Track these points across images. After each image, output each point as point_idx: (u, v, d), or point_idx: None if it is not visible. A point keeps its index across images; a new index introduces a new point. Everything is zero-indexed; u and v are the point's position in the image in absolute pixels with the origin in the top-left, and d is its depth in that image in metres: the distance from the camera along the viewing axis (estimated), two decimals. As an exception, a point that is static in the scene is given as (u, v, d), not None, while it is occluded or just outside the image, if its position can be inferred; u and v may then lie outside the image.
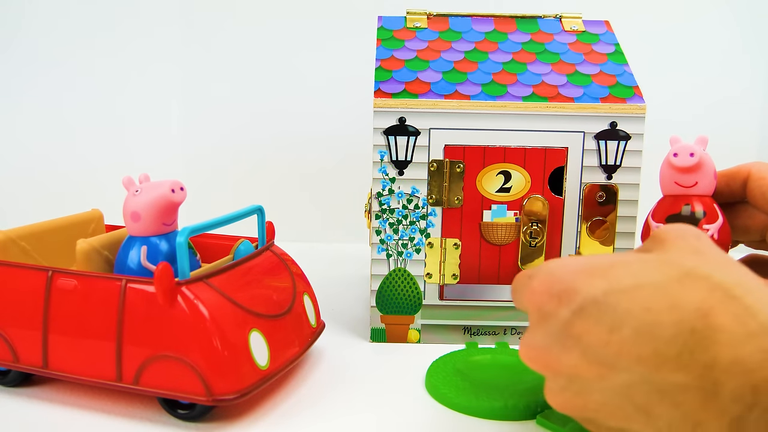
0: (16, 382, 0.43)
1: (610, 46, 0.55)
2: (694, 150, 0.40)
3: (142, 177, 0.43)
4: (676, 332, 0.24)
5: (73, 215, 0.51)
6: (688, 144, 0.40)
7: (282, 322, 0.43)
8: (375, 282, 0.51)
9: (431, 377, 0.44)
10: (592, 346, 0.27)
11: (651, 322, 0.25)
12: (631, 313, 0.26)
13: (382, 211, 0.50)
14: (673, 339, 0.24)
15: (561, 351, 0.28)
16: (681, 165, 0.40)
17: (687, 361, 0.24)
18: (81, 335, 0.39)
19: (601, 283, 0.27)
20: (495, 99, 0.49)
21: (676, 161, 0.40)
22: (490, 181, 0.49)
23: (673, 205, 0.41)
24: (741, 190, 0.41)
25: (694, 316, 0.24)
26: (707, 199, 0.41)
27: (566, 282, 0.28)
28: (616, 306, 0.26)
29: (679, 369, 0.24)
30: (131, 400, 0.41)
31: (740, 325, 0.24)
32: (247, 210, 0.45)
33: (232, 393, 0.37)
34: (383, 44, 0.54)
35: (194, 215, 0.50)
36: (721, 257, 0.28)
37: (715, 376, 0.23)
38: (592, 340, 0.27)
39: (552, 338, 0.28)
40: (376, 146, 0.49)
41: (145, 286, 0.38)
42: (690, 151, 0.39)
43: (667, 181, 0.41)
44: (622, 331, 0.26)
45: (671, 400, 0.24)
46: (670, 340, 0.24)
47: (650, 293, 0.26)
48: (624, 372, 0.26)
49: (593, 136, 0.49)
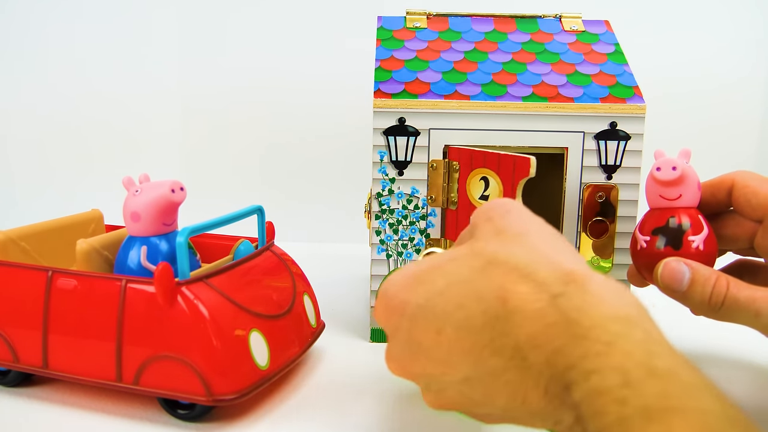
0: (16, 382, 0.43)
1: (610, 46, 0.55)
2: (677, 164, 0.40)
3: (142, 177, 0.43)
4: (485, 321, 0.27)
5: (73, 215, 0.51)
6: (670, 158, 0.41)
7: (282, 323, 0.43)
8: (375, 282, 0.51)
9: (431, 377, 0.44)
10: (430, 348, 0.29)
11: (465, 317, 0.28)
12: (448, 313, 0.28)
13: (382, 212, 0.50)
14: (483, 328, 0.27)
15: (411, 358, 0.30)
16: (664, 179, 0.41)
17: (499, 345, 0.26)
18: (81, 335, 0.39)
19: (422, 290, 0.30)
20: (495, 99, 0.49)
21: (659, 175, 0.41)
22: (475, 186, 0.49)
23: (659, 218, 0.42)
24: (726, 200, 0.42)
25: (496, 303, 0.27)
26: (692, 211, 0.41)
27: (397, 296, 0.31)
28: (435, 308, 0.29)
29: (495, 354, 0.27)
30: (131, 400, 0.41)
31: (532, 302, 0.26)
32: (247, 210, 0.45)
33: (232, 393, 0.37)
34: (383, 44, 0.54)
35: (194, 215, 0.50)
36: (521, 232, 0.30)
37: (522, 354, 0.26)
38: (427, 342, 0.29)
39: (403, 348, 0.31)
40: (375, 146, 0.49)
41: (145, 286, 0.38)
42: (672, 165, 0.40)
43: (653, 194, 0.42)
44: (446, 330, 0.28)
45: (501, 382, 0.27)
46: (482, 330, 0.27)
47: (460, 290, 0.28)
48: (459, 366, 0.28)
49: (593, 136, 0.49)
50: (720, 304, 0.37)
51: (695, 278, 0.38)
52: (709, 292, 0.37)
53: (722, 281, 0.37)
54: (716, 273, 0.38)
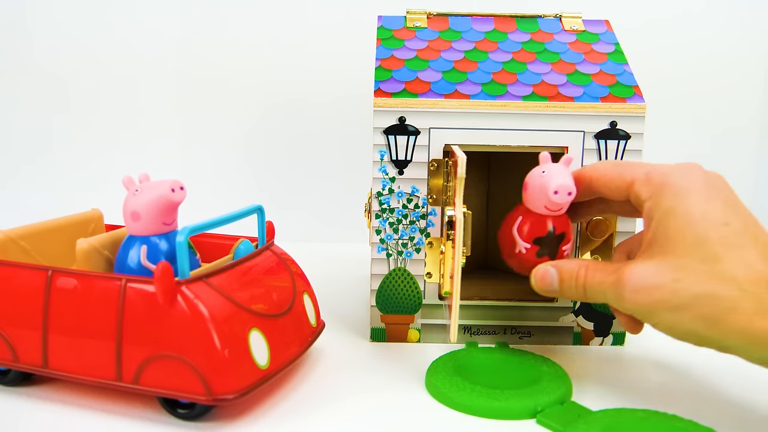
0: (16, 381, 0.43)
1: (610, 45, 0.55)
2: (572, 190, 0.42)
3: (142, 176, 0.43)
4: None
5: (73, 215, 0.51)
6: (565, 183, 0.42)
7: (282, 322, 0.43)
8: (375, 282, 0.51)
9: (431, 377, 0.44)
10: None
11: None
12: None
13: (382, 211, 0.50)
14: None
15: None
16: (561, 202, 0.43)
17: None
18: (81, 335, 0.39)
19: None
20: (495, 98, 0.49)
21: (556, 199, 0.42)
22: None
23: (540, 227, 0.44)
24: (590, 193, 0.44)
25: None
26: (564, 218, 0.45)
27: None
28: None
29: None
30: (131, 399, 0.41)
31: None
32: (247, 210, 0.45)
33: (232, 392, 0.37)
34: (383, 44, 0.54)
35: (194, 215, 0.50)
36: None
37: None
38: None
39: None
40: (376, 146, 0.49)
41: (144, 285, 0.38)
42: (569, 191, 0.42)
43: (537, 201, 0.44)
44: None
45: None
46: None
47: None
48: None
49: (593, 135, 0.49)
50: (585, 292, 0.41)
51: (562, 276, 0.43)
52: (574, 285, 0.42)
53: (581, 272, 0.42)
54: (577, 264, 0.42)
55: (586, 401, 0.42)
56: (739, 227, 0.37)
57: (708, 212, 0.38)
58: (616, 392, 0.44)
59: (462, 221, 0.41)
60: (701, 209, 0.38)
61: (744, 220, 0.38)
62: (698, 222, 0.38)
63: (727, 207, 0.38)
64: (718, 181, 0.40)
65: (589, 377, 0.46)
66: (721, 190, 0.39)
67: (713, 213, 0.38)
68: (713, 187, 0.39)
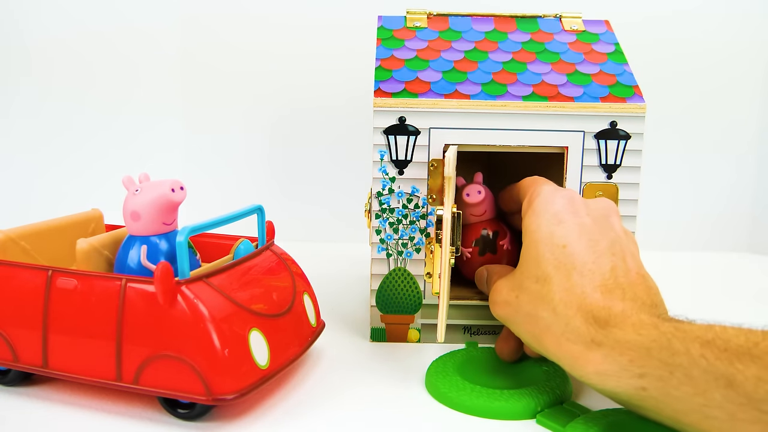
0: (16, 381, 0.43)
1: (610, 45, 0.55)
2: (481, 188, 0.51)
3: (142, 176, 0.43)
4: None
5: (73, 215, 0.51)
6: (474, 184, 0.51)
7: (282, 322, 0.43)
8: (375, 282, 0.51)
9: (431, 377, 0.44)
10: None
11: None
12: None
13: (382, 211, 0.50)
14: None
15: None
16: (474, 201, 0.51)
17: None
18: (81, 335, 0.39)
19: None
20: (495, 98, 0.49)
21: (469, 199, 0.51)
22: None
23: (474, 232, 0.52)
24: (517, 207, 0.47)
25: None
26: (494, 221, 0.52)
27: None
28: None
29: None
30: (131, 399, 0.41)
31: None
32: (247, 210, 0.45)
33: (232, 392, 0.37)
34: (383, 44, 0.54)
35: (194, 215, 0.50)
36: None
37: None
38: None
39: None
40: (376, 146, 0.49)
41: (144, 285, 0.38)
42: (477, 189, 0.51)
43: (467, 213, 0.52)
44: None
45: None
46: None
47: None
48: None
49: (593, 135, 0.49)
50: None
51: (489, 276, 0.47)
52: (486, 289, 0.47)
53: (491, 278, 0.46)
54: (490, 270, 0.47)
55: (586, 401, 0.42)
56: (581, 250, 0.38)
57: (553, 233, 0.39)
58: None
59: (449, 220, 0.42)
60: (548, 230, 0.39)
61: (594, 248, 0.38)
62: (540, 241, 0.39)
63: (579, 231, 0.39)
64: (587, 209, 0.40)
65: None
66: (583, 217, 0.39)
67: (557, 234, 0.39)
68: (573, 212, 0.40)
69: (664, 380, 0.31)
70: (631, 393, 0.33)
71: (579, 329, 0.35)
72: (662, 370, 0.31)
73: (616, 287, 0.36)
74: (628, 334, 0.33)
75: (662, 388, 0.31)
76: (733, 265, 0.83)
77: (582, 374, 0.35)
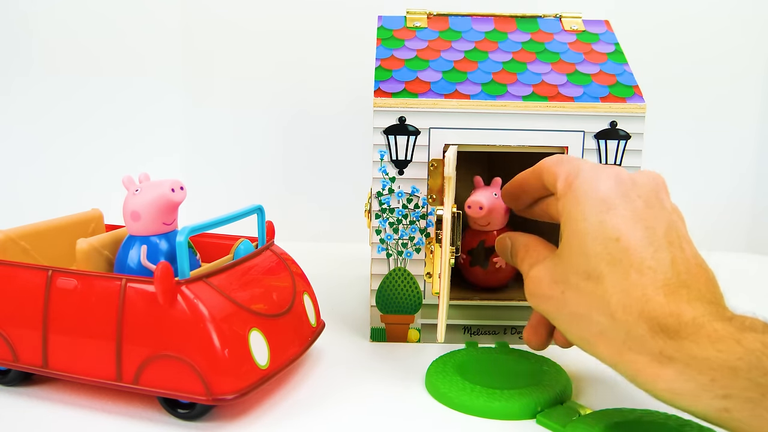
0: (16, 381, 0.43)
1: (610, 45, 0.55)
2: (483, 204, 0.50)
3: (142, 176, 0.43)
4: None
5: (73, 215, 0.51)
6: (478, 199, 0.50)
7: (282, 322, 0.43)
8: (375, 282, 0.51)
9: (431, 377, 0.44)
10: None
11: None
12: None
13: (382, 211, 0.50)
14: None
15: None
16: (472, 215, 0.51)
17: None
18: (81, 335, 0.39)
19: None
20: (495, 98, 0.49)
21: (469, 212, 0.50)
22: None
23: (472, 240, 0.52)
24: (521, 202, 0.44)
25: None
26: (494, 235, 0.51)
27: None
28: None
29: None
30: (131, 399, 0.41)
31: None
32: (247, 210, 0.45)
33: (232, 392, 0.37)
34: (383, 44, 0.54)
35: (194, 215, 0.50)
36: None
37: None
38: None
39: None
40: (376, 146, 0.49)
41: (144, 285, 0.38)
42: (479, 205, 0.50)
43: (471, 221, 0.52)
44: None
45: None
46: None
47: None
48: None
49: (593, 135, 0.49)
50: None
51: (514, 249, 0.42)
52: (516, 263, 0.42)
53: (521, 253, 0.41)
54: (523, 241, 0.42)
55: (586, 401, 0.42)
56: (637, 242, 0.33)
57: (604, 223, 0.34)
58: (616, 392, 0.44)
59: (449, 220, 0.41)
60: (597, 219, 0.35)
61: (651, 238, 0.34)
62: (588, 233, 0.34)
63: (632, 218, 0.34)
64: (637, 189, 0.36)
65: (589, 377, 0.46)
66: (634, 200, 0.35)
67: (608, 224, 0.34)
68: (623, 195, 0.35)
69: (754, 402, 0.28)
70: (710, 414, 0.30)
71: (643, 338, 0.32)
72: (752, 392, 0.28)
73: (680, 286, 0.32)
74: (705, 350, 0.30)
75: (752, 410, 0.28)
76: (732, 265, 0.83)
77: (649, 389, 0.32)
